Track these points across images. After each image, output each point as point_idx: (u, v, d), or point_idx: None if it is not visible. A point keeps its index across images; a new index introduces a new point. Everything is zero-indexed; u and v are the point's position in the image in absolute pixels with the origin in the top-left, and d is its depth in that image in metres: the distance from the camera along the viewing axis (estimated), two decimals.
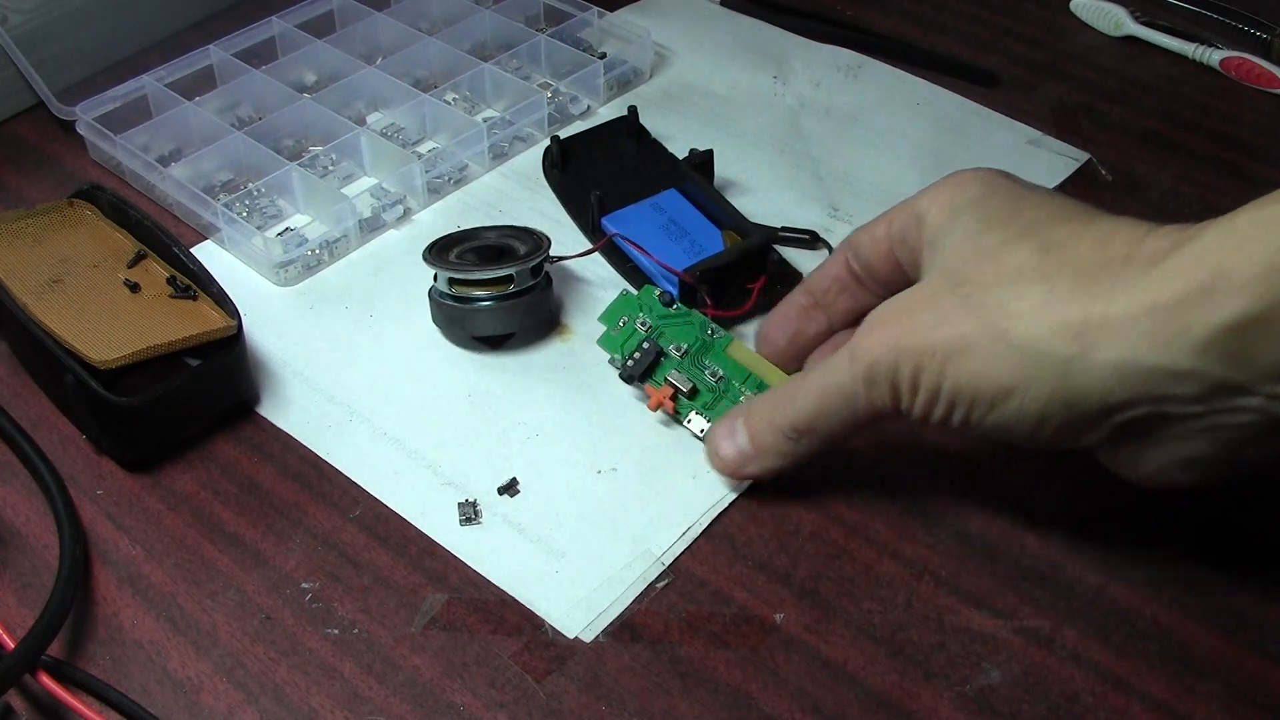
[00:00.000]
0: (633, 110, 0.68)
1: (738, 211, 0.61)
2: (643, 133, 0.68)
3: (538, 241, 0.58)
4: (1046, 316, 0.42)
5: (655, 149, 0.68)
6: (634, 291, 0.58)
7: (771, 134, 0.71)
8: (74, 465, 0.54)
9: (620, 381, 0.56)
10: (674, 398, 0.54)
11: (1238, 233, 0.39)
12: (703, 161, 0.64)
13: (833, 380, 0.48)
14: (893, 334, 0.46)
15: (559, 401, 0.56)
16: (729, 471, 0.52)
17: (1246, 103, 0.74)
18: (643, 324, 0.55)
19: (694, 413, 0.54)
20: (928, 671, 0.46)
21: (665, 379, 0.54)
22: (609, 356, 0.56)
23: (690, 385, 0.54)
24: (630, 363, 0.55)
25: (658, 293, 0.56)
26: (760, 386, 0.54)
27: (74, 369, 0.51)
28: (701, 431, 0.53)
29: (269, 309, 0.61)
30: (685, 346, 0.55)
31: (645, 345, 0.55)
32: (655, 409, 0.54)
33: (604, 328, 0.56)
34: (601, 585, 0.49)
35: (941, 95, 0.74)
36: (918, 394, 0.45)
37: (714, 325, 0.56)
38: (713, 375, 0.55)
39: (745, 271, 0.59)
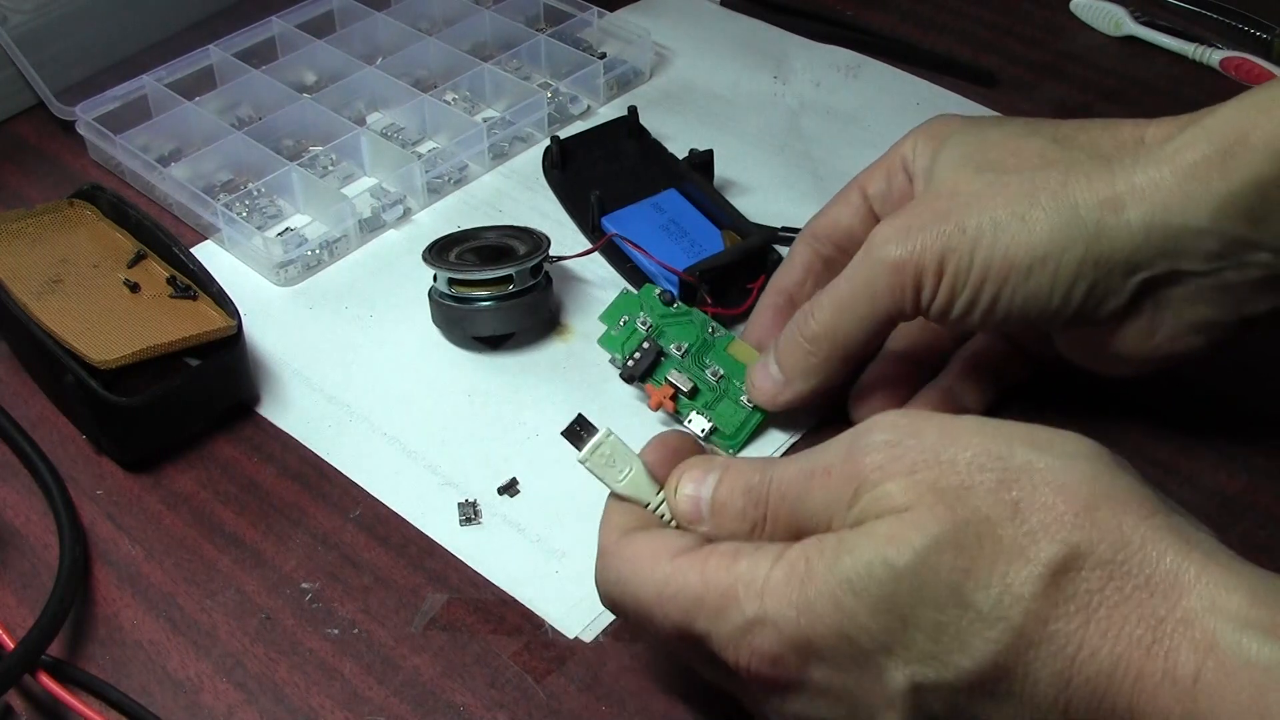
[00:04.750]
0: (633, 110, 0.68)
1: (737, 211, 0.61)
2: (643, 133, 0.68)
3: (537, 241, 0.58)
4: (1076, 190, 0.45)
5: (655, 149, 0.68)
6: (634, 291, 0.58)
7: (771, 134, 0.71)
8: (74, 465, 0.54)
9: (620, 382, 0.56)
10: (674, 397, 0.54)
11: (1254, 105, 0.43)
12: (703, 162, 0.64)
13: (848, 282, 0.48)
14: (913, 222, 0.47)
15: (559, 401, 0.56)
16: (767, 402, 0.52)
17: None
18: (643, 323, 0.55)
19: (694, 412, 0.54)
20: None
21: (666, 379, 0.54)
22: (609, 356, 0.56)
23: (691, 385, 0.54)
24: (631, 363, 0.55)
25: (658, 291, 0.56)
26: None
27: (74, 369, 0.51)
28: (702, 431, 0.53)
29: (269, 309, 0.61)
30: (686, 346, 0.55)
31: (646, 345, 0.55)
32: (656, 409, 0.54)
33: (604, 327, 0.56)
34: None
35: (941, 95, 0.74)
36: (943, 279, 0.46)
37: (715, 324, 0.56)
38: (713, 374, 0.55)
39: (745, 271, 0.59)
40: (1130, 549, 0.34)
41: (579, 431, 0.42)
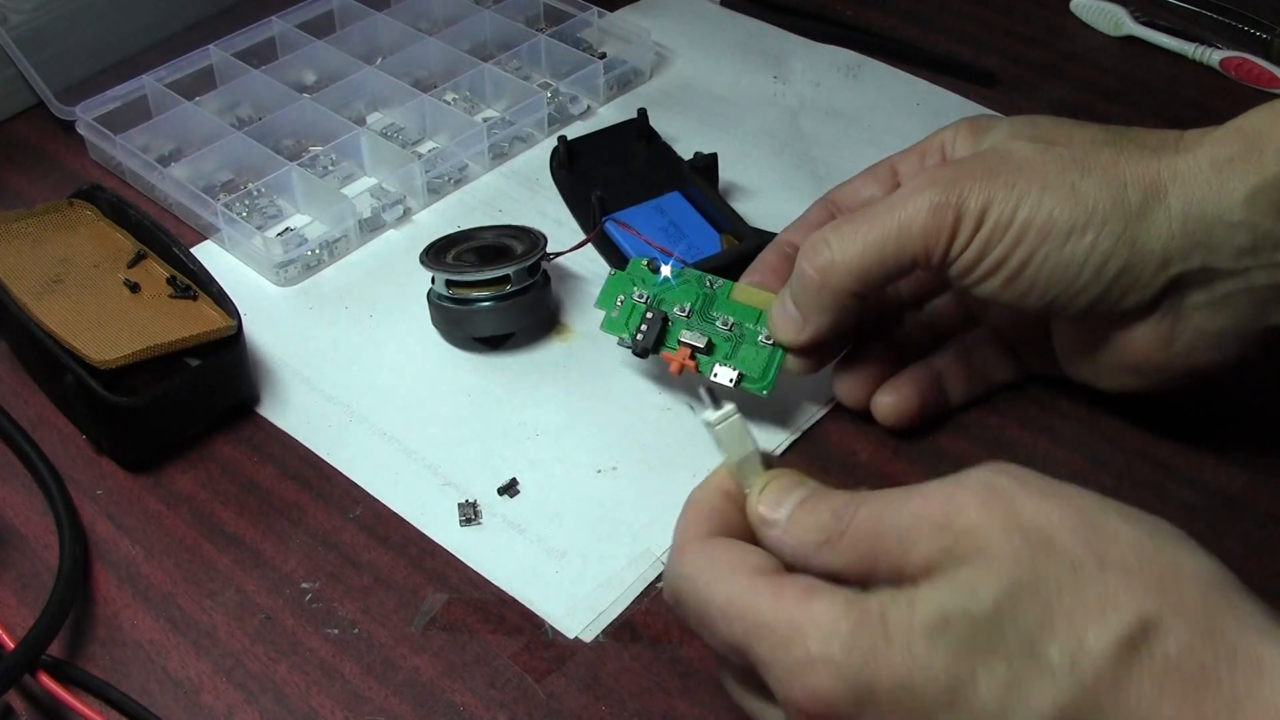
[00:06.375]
0: (642, 113, 0.68)
1: (738, 215, 0.61)
2: (653, 135, 0.68)
3: (534, 240, 0.58)
4: (1126, 168, 0.46)
5: (664, 151, 0.67)
6: (621, 270, 0.57)
7: (771, 134, 0.71)
8: (74, 465, 0.54)
9: (622, 381, 0.55)
10: (692, 356, 0.53)
11: (1277, 107, 0.46)
12: (706, 165, 0.64)
13: (879, 218, 0.48)
14: (961, 172, 0.47)
15: (559, 401, 0.56)
16: (790, 341, 0.51)
17: (1246, 103, 0.73)
18: (640, 296, 0.55)
19: (717, 365, 0.53)
20: None
21: (679, 341, 0.54)
22: (617, 340, 0.55)
23: (705, 340, 0.53)
24: (639, 336, 0.54)
25: (645, 262, 0.55)
26: None
27: (74, 369, 0.51)
28: (730, 381, 0.52)
29: (269, 309, 0.61)
30: (689, 306, 0.54)
31: (649, 315, 0.54)
32: (678, 372, 0.53)
33: (603, 313, 0.55)
34: (601, 585, 0.49)
35: (941, 95, 0.74)
36: (980, 230, 0.46)
37: (710, 277, 0.55)
38: (724, 324, 0.54)
39: (738, 274, 0.58)
40: (1213, 622, 0.33)
41: (714, 395, 0.42)
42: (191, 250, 0.58)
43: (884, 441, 0.54)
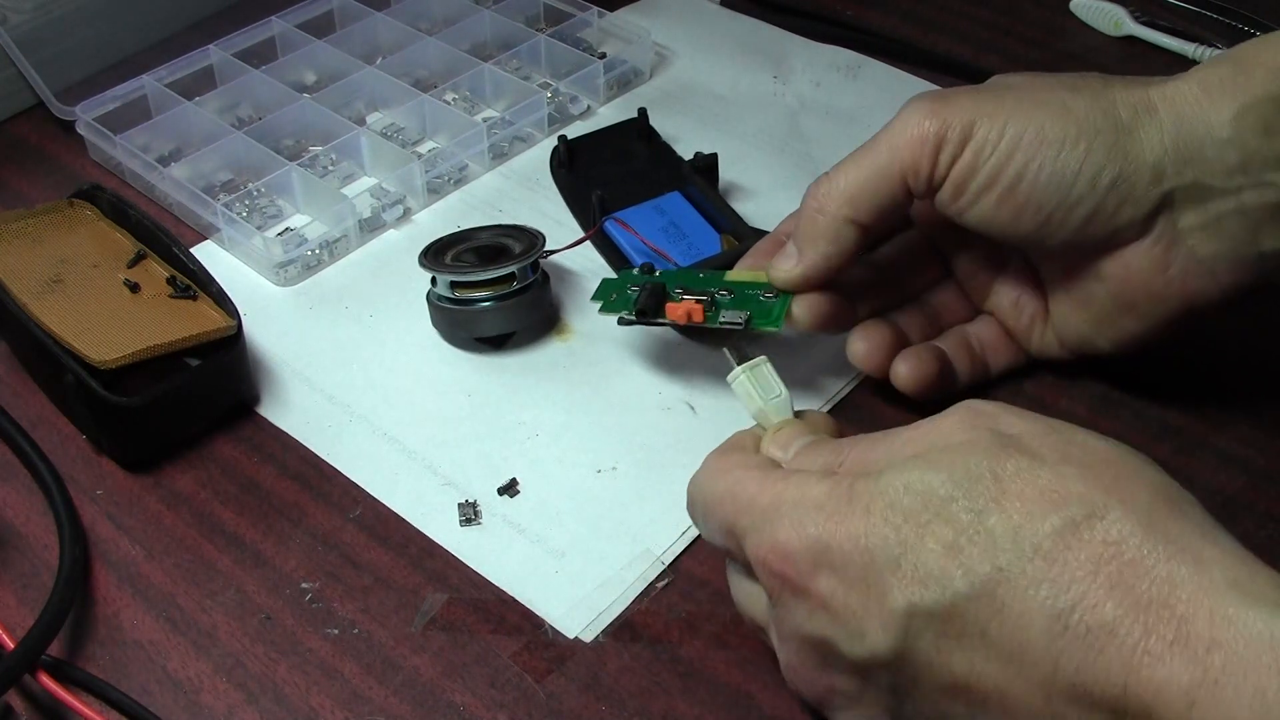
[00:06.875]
0: (643, 112, 0.68)
1: (738, 216, 0.61)
2: (653, 135, 0.68)
3: (532, 239, 0.58)
4: (1115, 91, 0.48)
5: (664, 151, 0.67)
6: (614, 276, 0.57)
7: (771, 134, 0.71)
8: (74, 465, 0.54)
9: (623, 381, 0.55)
10: (698, 302, 0.53)
11: (1267, 38, 0.47)
12: (706, 165, 0.64)
13: (869, 143, 0.50)
14: (947, 94, 0.49)
15: (559, 401, 0.56)
16: (784, 276, 0.52)
17: None
18: (634, 288, 0.54)
19: (724, 310, 0.52)
20: None
21: (681, 298, 0.53)
22: (617, 319, 0.54)
23: (709, 297, 0.53)
24: (640, 300, 0.53)
25: (636, 270, 0.55)
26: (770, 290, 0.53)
27: (74, 369, 0.51)
28: (741, 320, 0.52)
29: (269, 309, 0.61)
30: (685, 286, 0.54)
31: (647, 286, 0.53)
32: (685, 320, 0.52)
33: (598, 304, 0.55)
34: (601, 585, 0.49)
35: None
36: (970, 141, 0.47)
37: (704, 271, 0.55)
38: (724, 293, 0.53)
39: None
40: (1156, 518, 0.35)
41: (738, 353, 0.45)
42: (191, 250, 0.58)
43: None
